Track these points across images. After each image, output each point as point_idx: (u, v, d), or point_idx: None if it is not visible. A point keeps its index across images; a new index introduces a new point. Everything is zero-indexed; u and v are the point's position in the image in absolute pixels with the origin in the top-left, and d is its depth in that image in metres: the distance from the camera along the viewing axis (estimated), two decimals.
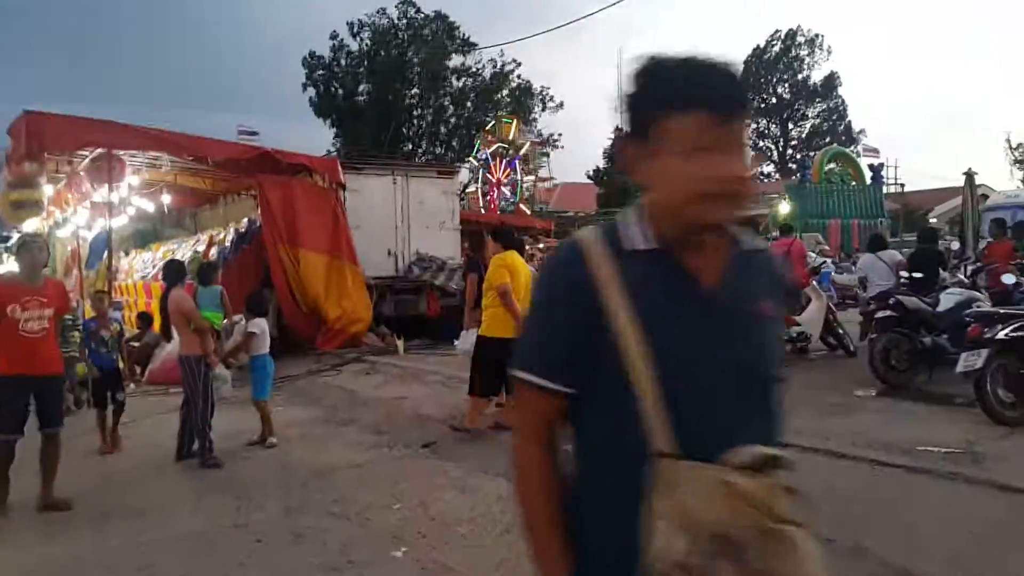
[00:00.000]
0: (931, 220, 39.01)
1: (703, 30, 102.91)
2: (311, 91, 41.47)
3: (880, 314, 8.35)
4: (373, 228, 13.71)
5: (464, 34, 42.07)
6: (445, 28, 42.08)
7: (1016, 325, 6.21)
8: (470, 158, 38.77)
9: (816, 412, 6.95)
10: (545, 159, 38.51)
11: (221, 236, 14.57)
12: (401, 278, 14.10)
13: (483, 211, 32.66)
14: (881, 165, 37.06)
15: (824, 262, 11.75)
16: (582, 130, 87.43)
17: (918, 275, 8.97)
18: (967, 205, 12.24)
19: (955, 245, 9.58)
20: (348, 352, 11.96)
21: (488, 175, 36.16)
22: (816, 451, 5.66)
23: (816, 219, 30.83)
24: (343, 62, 42.26)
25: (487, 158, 35.71)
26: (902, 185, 24.27)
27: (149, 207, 14.97)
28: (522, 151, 34.79)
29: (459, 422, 7.18)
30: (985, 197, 24.97)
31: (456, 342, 8.36)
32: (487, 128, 36.68)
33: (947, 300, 8.33)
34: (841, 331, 10.53)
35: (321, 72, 41.56)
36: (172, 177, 14.89)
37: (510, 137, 34.51)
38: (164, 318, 7.29)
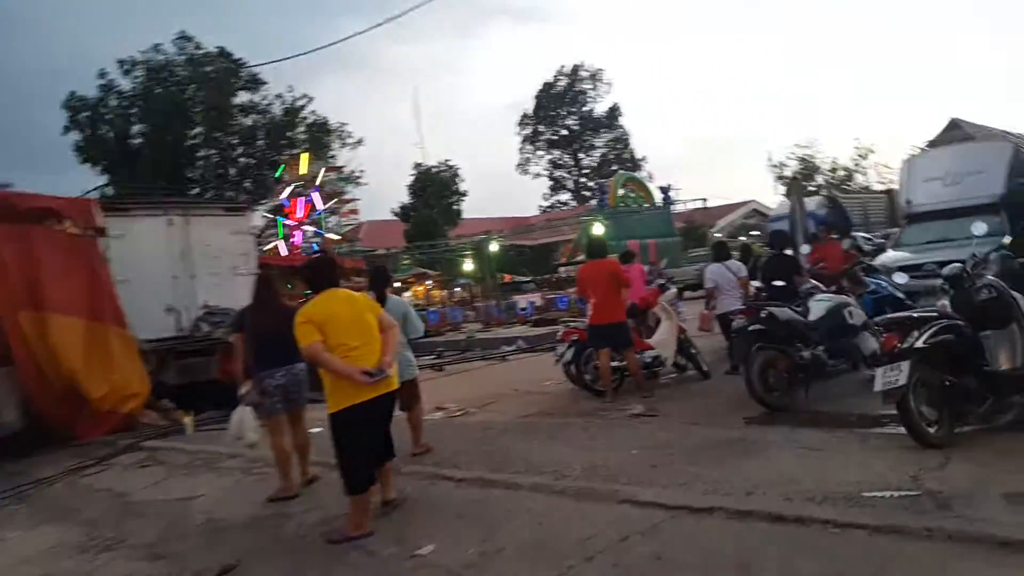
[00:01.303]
0: (715, 234, 41.17)
1: (494, 69, 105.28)
2: (75, 135, 36.56)
3: (750, 328, 7.31)
4: (146, 281, 11.14)
5: (250, 71, 39.15)
6: (229, 64, 38.93)
7: (933, 329, 5.25)
8: (263, 203, 35.99)
9: (712, 455, 5.66)
10: (345, 185, 36.33)
11: None
12: (185, 338, 11.55)
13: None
14: (669, 187, 38.72)
15: (666, 280, 10.82)
16: (385, 168, 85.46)
17: (779, 283, 8.09)
18: (795, 212, 11.80)
19: (805, 250, 8.80)
20: (121, 439, 9.35)
21: (287, 221, 33.55)
22: (745, 515, 4.30)
23: (614, 241, 31.27)
24: (112, 102, 37.81)
25: (284, 203, 33.16)
26: (704, 199, 24.48)
27: None
28: (318, 179, 32.43)
29: (338, 532, 5.04)
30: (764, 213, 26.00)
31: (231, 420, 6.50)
32: (276, 176, 34.19)
33: (817, 308, 7.47)
34: (694, 350, 9.53)
35: (87, 114, 36.85)
36: None
37: (302, 171, 32.12)
38: None
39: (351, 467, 4.88)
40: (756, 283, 9.13)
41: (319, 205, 32.23)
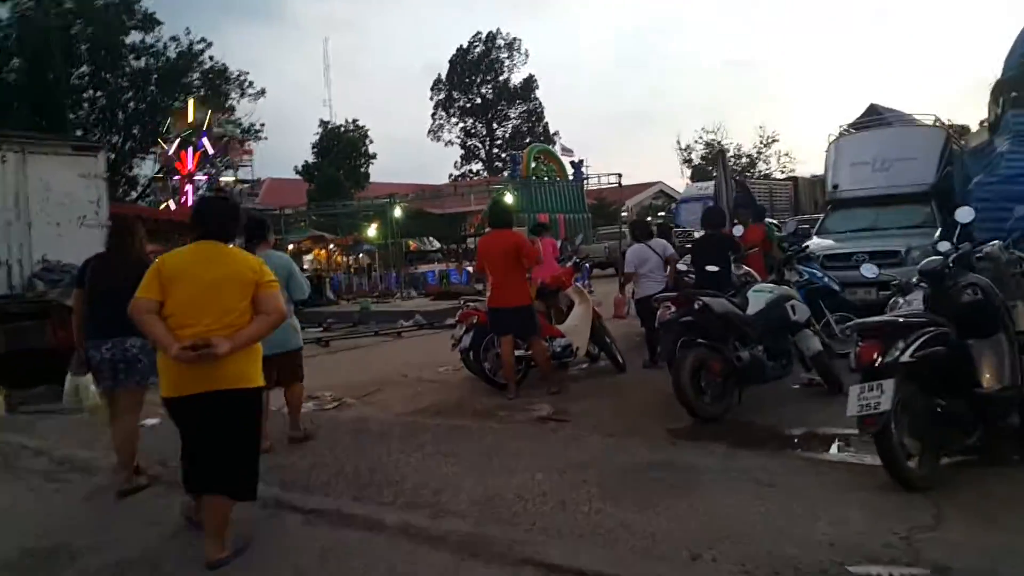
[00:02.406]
0: (623, 213, 40.48)
1: (408, 26, 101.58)
2: None
3: (680, 321, 6.04)
4: None
5: (144, 8, 35.51)
6: (121, 1, 35.12)
7: (922, 338, 4.06)
8: (153, 151, 32.79)
9: (636, 487, 4.36)
10: (235, 129, 33.30)
11: None
12: (16, 297, 9.51)
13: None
14: (581, 162, 37.61)
15: (581, 259, 9.46)
16: (288, 124, 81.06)
17: (712, 268, 6.85)
18: (720, 187, 10.66)
19: (738, 231, 7.59)
20: None
21: (177, 169, 30.57)
22: None
23: (525, 213, 29.98)
24: None
25: (174, 153, 30.17)
26: (619, 175, 23.43)
27: None
28: (205, 125, 29.49)
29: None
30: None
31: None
32: (163, 132, 31.04)
33: (757, 300, 6.26)
34: (609, 339, 8.27)
35: None
36: None
37: (190, 119, 29.12)
38: None
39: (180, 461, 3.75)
40: (681, 265, 7.91)
41: (210, 150, 29.27)
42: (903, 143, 11.56)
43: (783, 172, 49.67)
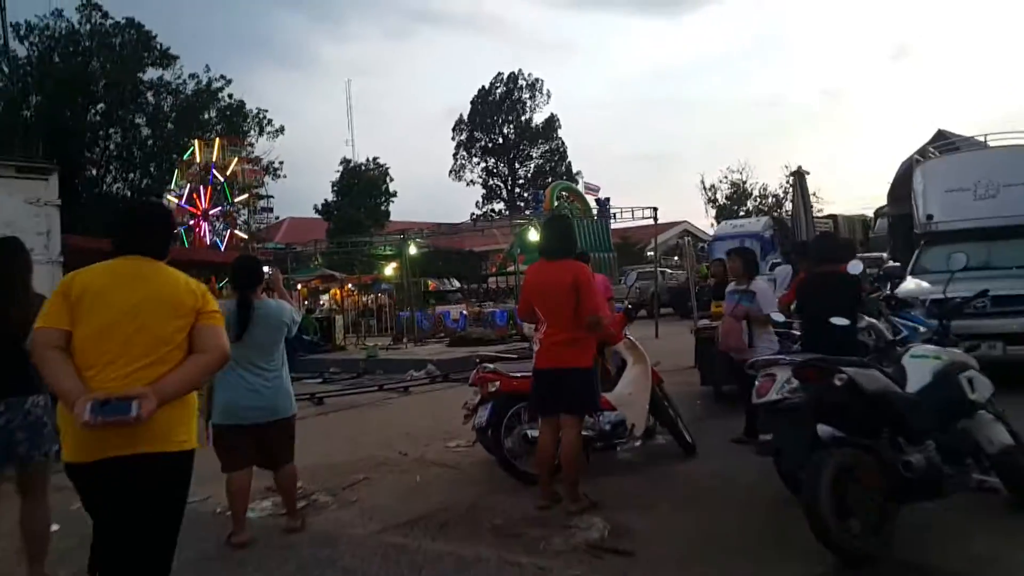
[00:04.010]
0: (648, 253, 38.37)
1: (428, 69, 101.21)
2: None
3: (810, 403, 3.87)
4: None
5: (161, 45, 34.37)
6: (139, 38, 34.04)
7: None
8: (168, 190, 31.32)
9: None
10: (261, 184, 31.76)
11: None
12: None
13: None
14: (607, 200, 35.70)
15: (635, 303, 7.29)
16: (310, 164, 79.84)
17: (840, 321, 4.64)
18: (800, 211, 8.50)
19: (856, 267, 5.38)
20: None
21: (192, 209, 28.94)
22: None
23: None
24: (4, 68, 32.50)
25: (187, 193, 28.65)
26: (655, 209, 21.31)
27: None
28: (229, 169, 27.95)
29: None
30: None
31: None
32: (183, 158, 29.56)
33: (919, 370, 4.09)
34: (673, 410, 6.10)
35: None
36: None
37: (213, 158, 27.64)
38: None
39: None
40: (776, 315, 5.73)
41: (220, 177, 27.72)
42: (1013, 165, 9.38)
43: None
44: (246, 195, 28.15)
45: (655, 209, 20.13)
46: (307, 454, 6.32)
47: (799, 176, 9.30)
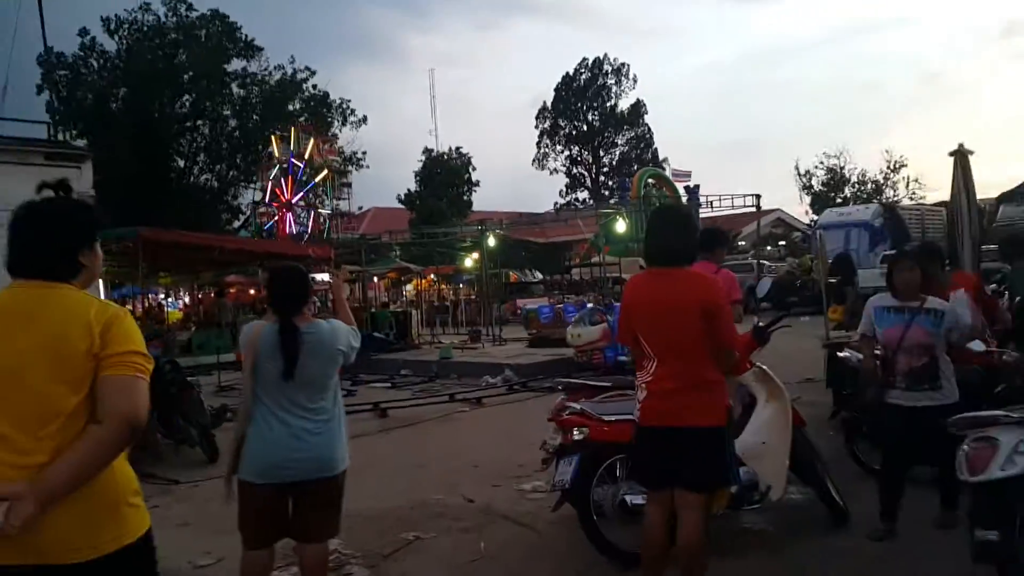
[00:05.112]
0: (740, 242, 35.95)
1: (514, 57, 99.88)
2: (47, 95, 31.65)
3: None
4: None
5: (246, 36, 34.30)
6: (224, 29, 34.06)
7: None
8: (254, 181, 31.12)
9: None
10: (347, 190, 31.08)
11: None
12: None
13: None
14: (697, 187, 33.56)
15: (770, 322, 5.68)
16: (394, 154, 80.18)
17: None
18: (961, 195, 6.68)
19: None
20: None
21: (275, 204, 28.42)
22: None
23: (634, 243, 26.26)
24: (94, 63, 33.09)
25: (277, 176, 28.17)
26: (757, 196, 19.35)
27: None
28: (307, 153, 27.33)
29: None
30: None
31: None
32: (278, 136, 29.03)
33: None
34: (819, 464, 4.55)
35: (64, 72, 32.11)
36: None
37: (306, 156, 27.06)
38: None
39: None
40: (976, 345, 4.10)
41: (299, 164, 27.18)
42: None
43: (911, 199, 43.46)
44: (324, 172, 27.39)
45: (758, 196, 18.17)
46: (353, 495, 5.00)
47: (961, 156, 7.34)
